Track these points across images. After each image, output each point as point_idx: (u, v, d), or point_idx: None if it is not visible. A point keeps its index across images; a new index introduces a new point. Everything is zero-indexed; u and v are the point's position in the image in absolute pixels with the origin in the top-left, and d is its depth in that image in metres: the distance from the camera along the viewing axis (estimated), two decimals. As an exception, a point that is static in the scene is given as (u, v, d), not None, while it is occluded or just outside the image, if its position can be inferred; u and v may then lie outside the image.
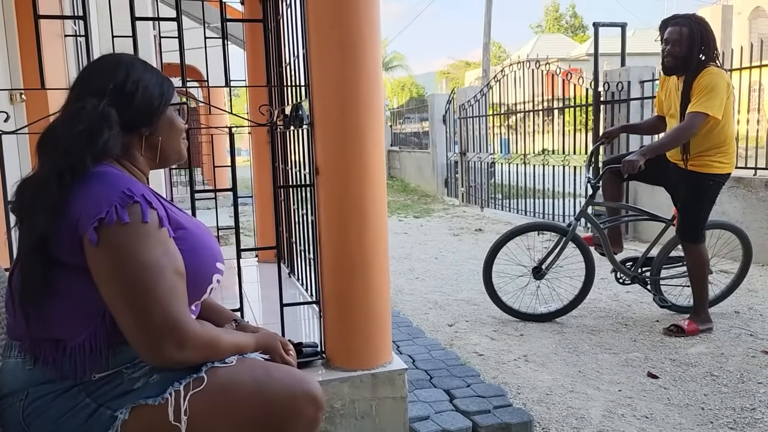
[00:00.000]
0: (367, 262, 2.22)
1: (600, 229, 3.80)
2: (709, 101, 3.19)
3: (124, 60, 1.32)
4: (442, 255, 6.10)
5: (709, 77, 3.22)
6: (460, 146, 10.41)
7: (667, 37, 3.34)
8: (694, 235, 3.46)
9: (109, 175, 1.21)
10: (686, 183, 3.44)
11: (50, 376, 1.19)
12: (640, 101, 6.49)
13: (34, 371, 1.20)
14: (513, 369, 3.04)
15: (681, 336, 3.43)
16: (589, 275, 3.83)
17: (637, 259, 3.88)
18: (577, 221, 3.77)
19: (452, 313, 4.03)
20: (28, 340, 1.21)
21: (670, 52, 3.32)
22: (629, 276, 3.85)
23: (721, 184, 3.44)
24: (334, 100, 2.16)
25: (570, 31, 49.70)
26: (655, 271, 3.81)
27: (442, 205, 10.33)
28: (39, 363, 1.20)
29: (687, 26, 3.29)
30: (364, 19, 2.13)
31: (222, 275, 1.38)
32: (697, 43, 3.26)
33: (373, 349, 2.27)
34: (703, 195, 3.41)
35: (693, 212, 3.45)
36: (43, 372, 1.19)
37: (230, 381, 1.26)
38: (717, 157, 3.36)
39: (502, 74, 9.06)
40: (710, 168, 3.36)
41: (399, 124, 16.04)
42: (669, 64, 3.36)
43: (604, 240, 3.78)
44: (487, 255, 3.86)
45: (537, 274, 3.85)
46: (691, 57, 3.28)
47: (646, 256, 3.86)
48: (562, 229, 3.82)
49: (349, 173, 2.18)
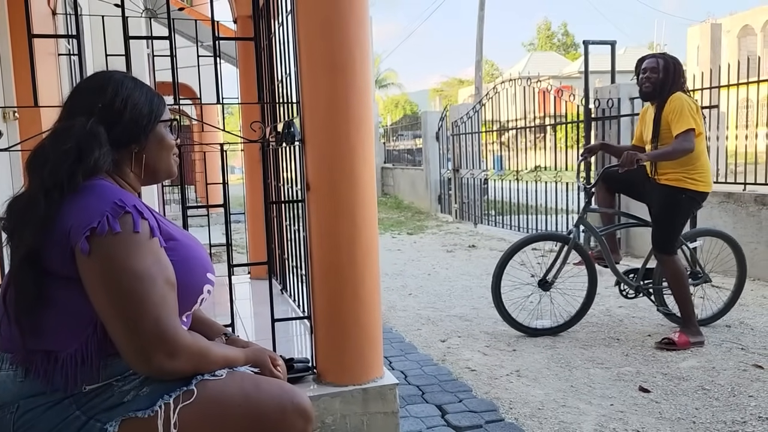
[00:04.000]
0: (357, 277, 2.23)
1: (599, 236, 3.84)
2: (688, 119, 3.42)
3: (114, 78, 1.34)
4: (435, 271, 6.11)
5: (678, 101, 3.48)
6: (453, 163, 10.46)
7: (645, 66, 3.64)
8: (666, 246, 3.59)
9: (101, 188, 1.23)
10: (658, 195, 3.61)
11: (41, 388, 1.20)
12: (630, 118, 6.56)
13: (25, 383, 1.20)
14: (505, 384, 3.04)
15: (672, 349, 3.45)
16: (592, 283, 3.85)
17: (638, 270, 3.92)
18: (576, 228, 3.81)
19: (445, 329, 4.04)
20: (20, 352, 1.21)
21: (648, 78, 3.61)
22: (633, 287, 3.88)
23: (695, 201, 3.57)
24: (325, 118, 2.19)
25: (562, 49, 50.26)
26: (657, 281, 3.85)
27: (435, 222, 10.35)
28: (30, 375, 1.20)
29: (662, 59, 3.64)
30: (353, 38, 2.17)
31: (213, 286, 1.39)
32: (670, 72, 3.57)
33: (365, 364, 2.28)
34: (673, 208, 3.56)
35: (664, 225, 3.59)
36: (34, 384, 1.20)
37: (220, 394, 1.26)
38: (691, 173, 3.51)
39: (494, 91, 9.14)
40: (683, 183, 3.52)
41: (392, 142, 16.11)
42: (647, 90, 3.62)
43: (605, 249, 3.83)
44: (495, 271, 3.84)
45: (544, 285, 3.87)
46: (665, 83, 3.56)
47: (645, 266, 3.91)
48: (564, 238, 3.86)
49: (340, 189, 2.20)
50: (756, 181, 5.44)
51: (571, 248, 3.79)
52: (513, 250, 3.84)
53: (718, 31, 21.60)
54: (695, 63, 20.50)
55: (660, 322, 4.00)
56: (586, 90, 6.98)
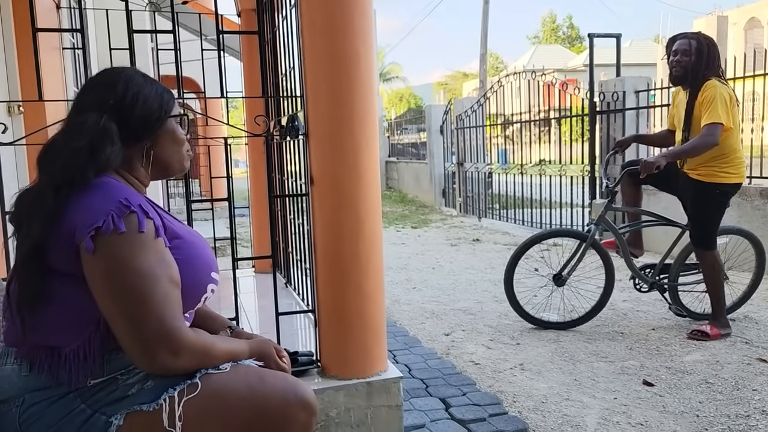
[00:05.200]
0: (361, 270, 2.23)
1: (618, 235, 3.82)
2: (719, 111, 3.28)
3: (123, 73, 1.34)
4: (439, 265, 6.12)
5: (713, 90, 3.32)
6: (457, 157, 10.44)
7: (677, 48, 3.46)
8: (706, 242, 3.54)
9: (107, 186, 1.23)
10: (692, 192, 3.52)
11: (46, 382, 1.21)
12: (636, 111, 6.53)
13: (30, 378, 1.21)
14: (509, 377, 3.05)
15: (706, 340, 3.48)
16: (609, 281, 3.84)
17: (655, 265, 3.90)
18: (596, 226, 3.78)
19: (449, 323, 4.04)
20: (24, 347, 1.22)
21: (678, 61, 3.44)
22: (647, 283, 3.87)
23: (729, 194, 3.51)
24: (329, 111, 2.19)
25: (567, 42, 50.01)
26: (672, 278, 3.83)
27: (439, 216, 10.34)
28: (35, 370, 1.21)
29: (696, 39, 3.44)
30: (357, 31, 2.16)
31: (217, 285, 1.39)
32: (704, 55, 3.39)
33: (368, 357, 2.28)
34: (708, 204, 3.49)
35: (702, 221, 3.53)
36: (38, 378, 1.21)
37: (224, 387, 1.27)
38: (723, 167, 3.43)
39: (498, 85, 9.12)
40: (716, 178, 3.44)
41: (397, 135, 16.08)
42: (677, 73, 3.46)
43: (623, 246, 3.81)
44: (508, 265, 3.83)
45: (558, 281, 3.86)
46: (698, 68, 3.39)
47: (663, 262, 3.89)
48: (582, 236, 3.84)
49: (344, 183, 2.20)
50: (762, 174, 5.41)
51: (589, 246, 3.76)
52: (528, 243, 3.83)
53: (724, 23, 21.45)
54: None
55: (664, 316, 4.00)
56: (591, 83, 6.95)
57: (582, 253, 3.79)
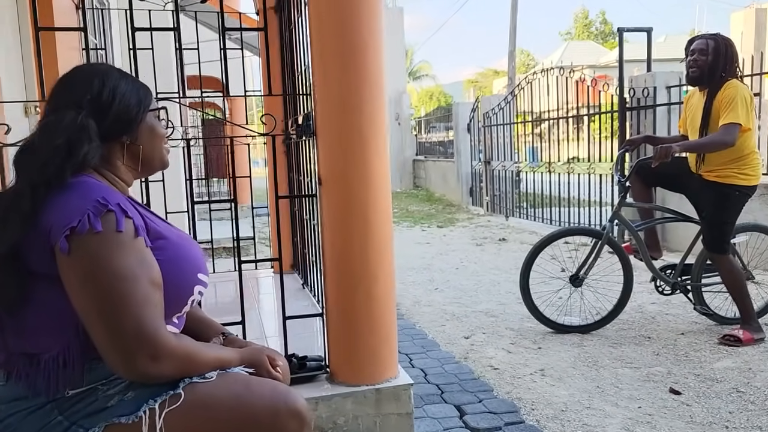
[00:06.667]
0: (370, 273, 2.17)
1: (635, 232, 3.70)
2: (739, 111, 3.21)
3: (98, 70, 1.31)
4: (463, 265, 6.02)
5: (733, 89, 3.26)
6: (485, 155, 10.31)
7: (694, 47, 3.41)
8: (720, 246, 3.42)
9: (84, 185, 1.19)
10: (708, 194, 3.42)
11: (23, 392, 1.16)
12: (667, 107, 6.33)
13: (6, 387, 1.17)
14: (528, 383, 2.95)
15: (738, 346, 3.34)
16: (627, 280, 3.70)
17: (675, 266, 3.76)
18: (611, 223, 3.67)
19: (469, 325, 3.95)
20: (1, 355, 1.18)
21: (695, 60, 3.38)
22: (669, 284, 3.73)
23: (747, 195, 3.40)
24: (336, 109, 2.13)
25: (600, 38, 49.19)
26: (695, 278, 3.68)
27: (466, 215, 10.22)
28: (12, 379, 1.17)
29: (713, 40, 3.39)
30: (365, 26, 2.10)
31: (205, 287, 1.34)
32: (722, 55, 3.33)
33: (378, 363, 2.22)
34: (725, 206, 3.38)
35: (717, 224, 3.42)
36: (16, 388, 1.17)
37: (209, 397, 1.22)
38: (742, 169, 3.34)
39: (525, 82, 8.96)
40: (733, 179, 3.34)
41: (424, 134, 15.98)
42: (694, 74, 3.41)
43: (640, 244, 3.68)
44: (524, 264, 3.73)
45: (575, 281, 3.74)
46: (715, 68, 3.33)
47: (683, 263, 3.74)
48: (597, 233, 3.72)
49: (352, 183, 2.14)
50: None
51: (604, 243, 3.64)
52: (543, 243, 3.73)
53: (762, 16, 20.77)
54: (739, 50, 19.77)
55: (694, 320, 3.84)
56: (621, 79, 6.76)
57: (598, 252, 3.67)
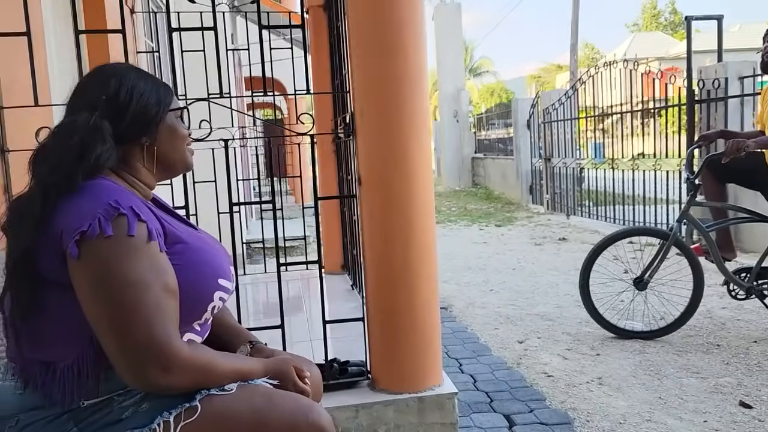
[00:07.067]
0: (412, 277, 2.09)
1: (705, 232, 3.47)
2: None
3: (117, 70, 1.27)
4: (520, 266, 5.84)
5: None
6: (545, 151, 10.03)
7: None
8: None
9: (97, 188, 1.15)
10: None
11: (40, 401, 1.14)
12: (740, 99, 5.96)
13: (24, 396, 1.15)
14: (584, 393, 2.79)
15: None
16: (697, 284, 3.45)
17: (751, 269, 3.49)
18: (679, 224, 3.46)
19: (524, 329, 3.80)
20: (19, 362, 1.16)
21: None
22: (744, 288, 3.47)
23: None
24: (376, 107, 2.06)
25: (669, 29, 47.28)
26: None
27: (526, 213, 9.98)
28: (29, 387, 1.15)
29: None
30: (405, 20, 2.02)
31: (228, 293, 1.29)
32: None
33: (421, 370, 2.13)
34: None
35: None
36: (33, 397, 1.15)
37: (226, 410, 1.16)
38: None
39: (587, 75, 8.64)
40: None
41: (483, 131, 15.73)
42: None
43: (711, 245, 3.46)
44: (584, 264, 3.57)
45: (639, 284, 3.54)
46: None
47: (760, 265, 3.46)
48: (664, 234, 3.52)
49: (393, 183, 2.07)
50: None
51: (671, 245, 3.42)
52: (605, 243, 3.54)
53: None
54: (822, 37, 18.59)
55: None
56: (689, 70, 6.41)
57: (664, 253, 3.45)
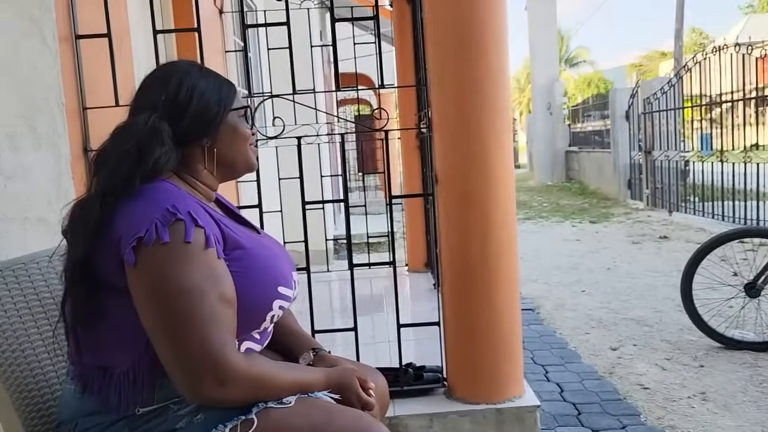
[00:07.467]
0: (491, 280, 1.97)
1: None
2: None
3: (177, 68, 1.23)
4: (615, 265, 5.52)
5: None
6: (645, 144, 9.47)
7: None
8: None
9: (155, 191, 1.12)
10: None
11: (97, 407, 1.13)
12: None
13: (82, 401, 1.14)
14: (685, 409, 2.56)
15: None
16: None
17: None
18: None
19: (618, 335, 3.56)
20: (78, 366, 1.15)
21: None
22: None
23: None
24: (454, 102, 1.96)
25: (790, 9, 43.64)
26: None
27: (623, 209, 9.48)
28: (87, 392, 1.14)
29: None
30: (487, 10, 1.90)
31: (288, 301, 1.23)
32: None
33: (500, 380, 2.01)
34: None
35: None
36: (90, 402, 1.13)
37: (283, 425, 1.10)
38: None
39: (693, 62, 8.06)
40: None
41: (578, 123, 15.13)
42: None
43: None
44: (687, 266, 3.31)
45: (751, 290, 3.24)
46: None
47: None
48: None
49: (471, 181, 1.95)
50: None
51: None
52: (712, 243, 3.26)
53: None
54: None
55: None
56: (812, 53, 5.83)
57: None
